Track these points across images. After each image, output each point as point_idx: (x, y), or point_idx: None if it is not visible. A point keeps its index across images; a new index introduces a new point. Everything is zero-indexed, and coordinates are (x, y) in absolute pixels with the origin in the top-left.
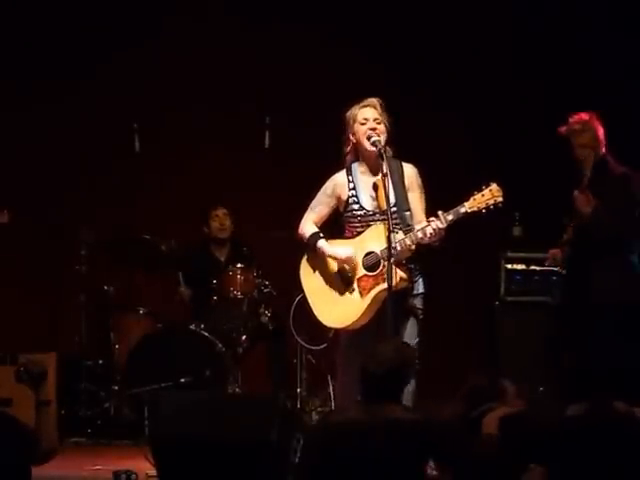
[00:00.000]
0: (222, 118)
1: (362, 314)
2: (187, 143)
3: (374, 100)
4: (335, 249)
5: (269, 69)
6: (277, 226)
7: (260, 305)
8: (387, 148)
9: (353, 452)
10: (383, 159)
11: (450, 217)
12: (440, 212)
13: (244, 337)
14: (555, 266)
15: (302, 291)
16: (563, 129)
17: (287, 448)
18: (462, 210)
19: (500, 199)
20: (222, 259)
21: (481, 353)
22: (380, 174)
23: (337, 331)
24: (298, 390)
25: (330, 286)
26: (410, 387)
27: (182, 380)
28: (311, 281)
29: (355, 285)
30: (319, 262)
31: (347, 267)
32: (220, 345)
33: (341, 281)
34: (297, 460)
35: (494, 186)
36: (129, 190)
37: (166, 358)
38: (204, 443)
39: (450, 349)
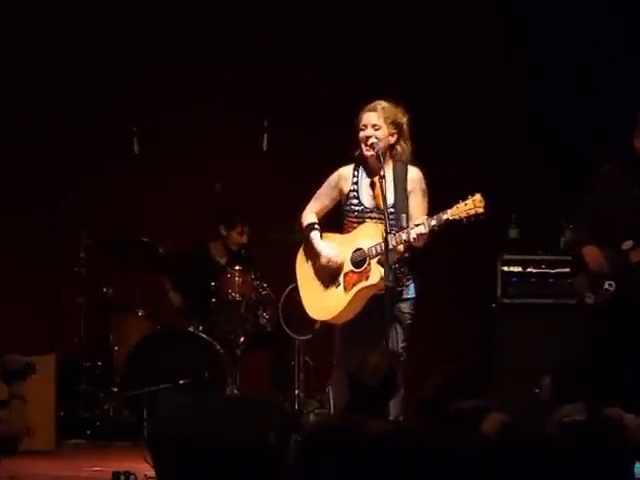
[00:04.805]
0: (220, 121)
1: (344, 309)
2: (186, 145)
3: (377, 105)
4: (322, 245)
5: (267, 72)
6: (275, 229)
7: (258, 307)
8: (397, 149)
9: (337, 464)
10: (381, 162)
11: (433, 222)
12: (425, 217)
13: (242, 339)
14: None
15: (295, 279)
16: None
17: (285, 450)
18: (444, 217)
19: (481, 210)
20: (222, 262)
21: (477, 356)
22: (378, 176)
23: (324, 323)
24: (296, 392)
25: (318, 278)
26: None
27: (181, 382)
28: (303, 270)
29: (341, 279)
30: (312, 253)
31: (331, 264)
32: (218, 347)
33: (328, 274)
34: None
35: (477, 196)
36: (128, 192)
37: (165, 360)
38: (203, 445)
39: (446, 352)
